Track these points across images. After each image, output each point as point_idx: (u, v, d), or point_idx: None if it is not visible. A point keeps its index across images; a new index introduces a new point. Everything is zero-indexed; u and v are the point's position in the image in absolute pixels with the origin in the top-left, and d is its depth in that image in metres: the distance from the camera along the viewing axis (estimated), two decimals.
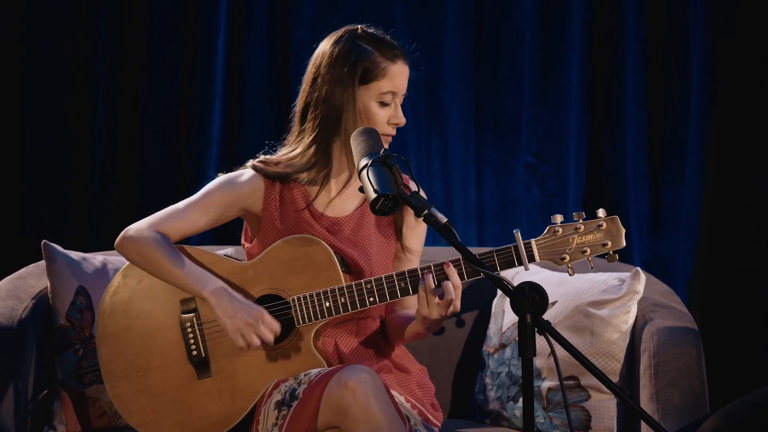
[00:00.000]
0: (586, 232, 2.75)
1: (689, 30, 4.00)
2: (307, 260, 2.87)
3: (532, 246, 2.76)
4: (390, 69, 2.92)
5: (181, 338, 2.91)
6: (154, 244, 2.89)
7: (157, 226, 2.93)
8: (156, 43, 4.25)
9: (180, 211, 2.96)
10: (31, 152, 4.20)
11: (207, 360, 2.90)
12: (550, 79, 4.18)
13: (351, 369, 2.65)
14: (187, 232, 2.96)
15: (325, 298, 2.84)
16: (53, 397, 3.28)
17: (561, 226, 2.75)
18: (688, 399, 3.05)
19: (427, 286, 2.75)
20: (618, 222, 2.76)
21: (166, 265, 2.88)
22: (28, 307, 3.25)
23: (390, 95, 2.91)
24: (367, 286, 2.82)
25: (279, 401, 2.75)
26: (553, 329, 2.35)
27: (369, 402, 2.59)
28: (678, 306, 3.32)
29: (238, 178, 2.99)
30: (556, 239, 2.75)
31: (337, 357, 2.93)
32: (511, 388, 3.29)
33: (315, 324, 2.86)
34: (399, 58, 2.93)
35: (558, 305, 3.27)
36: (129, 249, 2.92)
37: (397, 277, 2.81)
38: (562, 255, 2.75)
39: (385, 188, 2.53)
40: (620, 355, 3.19)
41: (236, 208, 2.99)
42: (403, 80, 2.93)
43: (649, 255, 4.12)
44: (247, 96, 4.30)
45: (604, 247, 2.75)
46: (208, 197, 2.97)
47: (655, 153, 4.12)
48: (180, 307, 2.92)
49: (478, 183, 4.28)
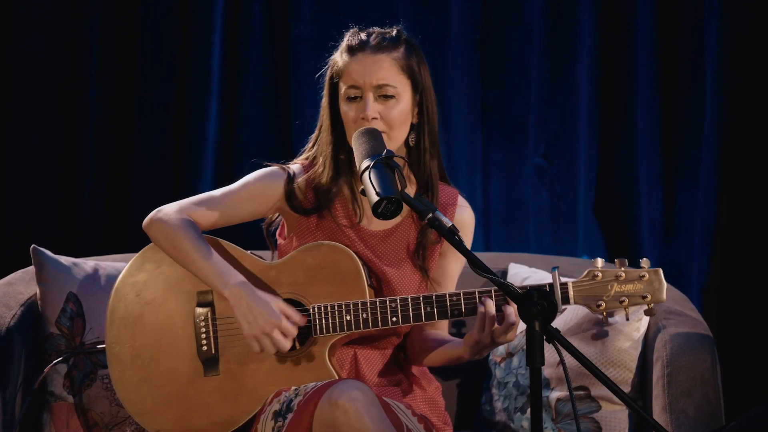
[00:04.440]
0: (626, 281, 2.74)
1: (704, 27, 4.00)
2: (334, 269, 2.87)
3: (568, 288, 2.75)
4: (348, 64, 2.89)
5: (193, 332, 2.91)
6: (183, 229, 2.87)
7: (189, 212, 2.92)
8: (150, 40, 4.25)
9: (215, 200, 2.94)
10: (20, 153, 4.20)
11: (216, 357, 2.90)
12: (559, 78, 4.18)
13: (342, 385, 2.64)
14: (219, 223, 2.95)
15: (347, 312, 2.83)
16: (43, 408, 3.28)
17: (601, 271, 2.74)
18: (702, 410, 3.05)
19: (487, 310, 2.71)
20: (661, 275, 2.75)
21: (191, 254, 2.87)
22: (16, 315, 3.25)
23: (352, 89, 2.88)
24: (391, 305, 2.82)
25: (276, 411, 2.75)
26: (563, 337, 2.35)
27: (362, 420, 2.58)
28: (692, 313, 3.32)
29: (283, 173, 2.98)
30: (595, 284, 2.74)
31: (354, 369, 2.93)
32: (518, 398, 3.29)
33: (332, 336, 2.85)
34: (358, 50, 2.89)
35: (567, 312, 3.27)
36: (157, 231, 2.90)
37: (423, 300, 2.80)
38: (599, 302, 2.74)
39: (388, 191, 2.53)
40: (632, 365, 3.19)
41: (275, 204, 2.97)
42: (361, 73, 2.87)
43: (662, 260, 4.12)
44: (244, 95, 4.31)
45: (644, 300, 2.74)
46: (247, 188, 2.96)
47: (668, 154, 4.12)
48: (196, 299, 2.92)
49: (484, 185, 4.28)
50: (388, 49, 2.89)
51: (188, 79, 4.27)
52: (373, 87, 2.86)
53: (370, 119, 2.85)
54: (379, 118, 2.86)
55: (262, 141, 4.29)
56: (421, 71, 2.93)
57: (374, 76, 2.86)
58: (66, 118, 4.22)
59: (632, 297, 2.74)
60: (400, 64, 2.89)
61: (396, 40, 2.91)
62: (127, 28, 4.24)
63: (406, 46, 2.92)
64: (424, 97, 2.93)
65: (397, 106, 2.88)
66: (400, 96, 2.88)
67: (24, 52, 4.18)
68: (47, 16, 4.19)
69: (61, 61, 4.21)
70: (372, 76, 2.86)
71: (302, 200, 2.96)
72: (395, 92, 2.87)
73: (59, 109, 4.22)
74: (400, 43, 2.91)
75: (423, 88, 2.92)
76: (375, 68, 2.87)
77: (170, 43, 4.27)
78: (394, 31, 2.94)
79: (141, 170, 4.27)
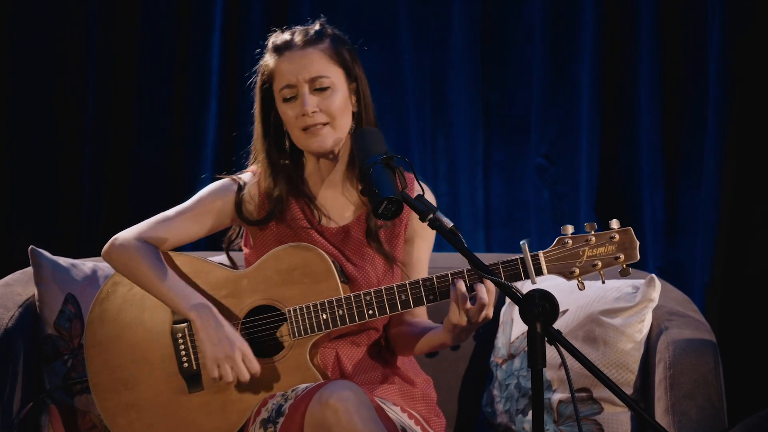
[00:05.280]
0: (597, 245, 2.73)
1: (706, 26, 4.00)
2: (304, 270, 2.87)
3: (539, 258, 2.74)
4: (278, 66, 2.90)
5: (173, 350, 2.91)
6: (140, 255, 2.88)
7: (146, 235, 2.92)
8: (149, 40, 4.26)
9: (170, 220, 2.95)
10: (18, 153, 4.20)
11: (198, 373, 2.90)
12: (561, 78, 4.19)
13: (333, 386, 2.64)
14: (177, 242, 2.96)
15: (323, 310, 2.83)
16: (41, 410, 3.28)
17: (571, 237, 2.73)
18: (705, 412, 3.05)
19: (458, 291, 2.70)
20: (632, 234, 2.74)
21: (151, 279, 2.87)
22: (14, 316, 3.25)
23: (287, 89, 2.89)
24: (366, 298, 2.81)
25: (265, 419, 2.75)
26: (564, 339, 2.35)
27: (352, 420, 2.58)
28: (695, 315, 3.32)
29: (234, 184, 2.98)
30: (566, 251, 2.74)
31: (338, 369, 2.93)
32: (520, 400, 3.29)
33: (312, 337, 2.85)
34: (285, 49, 2.90)
35: (569, 314, 3.27)
36: (116, 259, 2.92)
37: (397, 288, 2.80)
38: (572, 268, 2.73)
39: (388, 191, 2.53)
40: (634, 366, 3.19)
41: (231, 216, 2.98)
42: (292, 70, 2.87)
43: (664, 261, 4.12)
44: (243, 94, 4.29)
45: (617, 261, 2.72)
46: (201, 205, 2.97)
47: (670, 154, 4.12)
48: (172, 316, 2.91)
49: (485, 186, 4.28)
50: (315, 43, 2.89)
51: (188, 79, 4.28)
52: (307, 81, 2.87)
53: (311, 113, 2.85)
54: (319, 111, 2.86)
55: None
56: (352, 59, 2.93)
57: (306, 71, 2.87)
58: (65, 118, 4.22)
59: (605, 259, 2.72)
60: (330, 54, 2.89)
61: (321, 33, 2.92)
62: (126, 28, 4.25)
63: (331, 38, 2.93)
64: (358, 84, 2.93)
65: (334, 95, 2.88)
66: (335, 86, 2.88)
67: (23, 52, 4.19)
68: (46, 15, 4.19)
69: (61, 61, 4.21)
70: (304, 70, 2.87)
71: (254, 210, 2.96)
72: (330, 83, 2.88)
73: (58, 109, 4.23)
74: (326, 36, 2.92)
75: (357, 75, 2.93)
76: (305, 62, 2.87)
77: (170, 43, 4.27)
78: (317, 26, 2.94)
79: (140, 171, 4.27)
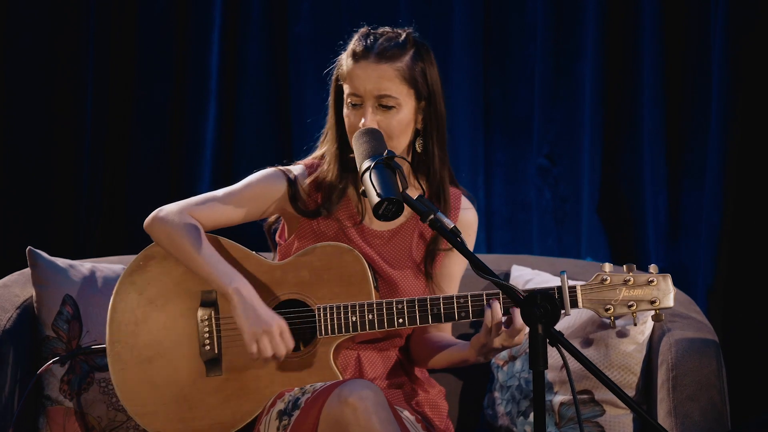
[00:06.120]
0: (635, 286, 2.78)
1: (710, 26, 4.00)
2: (340, 270, 2.88)
3: (576, 291, 2.77)
4: (352, 70, 2.89)
5: (196, 331, 2.92)
6: (184, 230, 2.89)
7: (191, 212, 2.93)
8: (147, 38, 4.26)
9: (217, 200, 2.96)
10: (15, 153, 4.20)
11: (219, 358, 2.91)
12: (563, 77, 4.18)
13: (352, 384, 2.65)
14: (221, 223, 2.97)
15: (353, 313, 2.84)
16: (39, 412, 3.28)
17: (609, 275, 2.77)
18: (708, 414, 3.05)
19: (494, 313, 2.72)
20: (669, 281, 2.79)
21: (193, 254, 2.88)
22: (12, 317, 3.25)
23: (353, 97, 2.88)
24: (398, 307, 2.83)
25: (281, 410, 2.76)
26: (566, 340, 2.35)
27: (370, 420, 2.59)
28: (698, 316, 3.32)
29: (283, 175, 2.99)
30: (603, 289, 2.78)
31: (358, 371, 2.95)
32: (521, 402, 3.29)
33: (338, 337, 2.86)
34: (364, 58, 2.88)
35: (571, 315, 3.27)
36: (158, 231, 2.92)
37: (430, 301, 2.82)
38: (607, 306, 2.77)
39: (389, 192, 2.54)
40: (636, 368, 3.19)
41: (276, 206, 2.99)
42: (362, 82, 2.86)
43: (667, 262, 4.12)
44: (243, 94, 4.31)
45: (652, 305, 2.77)
46: (249, 189, 2.97)
47: (673, 155, 4.12)
48: (200, 298, 2.93)
49: (487, 186, 4.28)
50: (392, 59, 2.87)
51: (187, 78, 4.28)
52: (374, 97, 2.86)
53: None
54: (377, 128, 2.84)
55: (261, 140, 4.30)
56: (427, 77, 2.91)
57: (375, 87, 2.86)
58: (63, 118, 4.23)
59: (640, 302, 2.77)
60: (403, 74, 2.87)
61: (403, 46, 2.89)
62: (124, 27, 4.25)
63: (413, 53, 2.89)
64: (431, 103, 2.92)
65: (397, 116, 2.87)
66: (400, 106, 2.87)
67: (19, 52, 4.18)
68: (42, 14, 4.19)
69: (57, 61, 4.21)
70: (373, 86, 2.86)
71: (307, 202, 2.97)
72: (395, 102, 2.87)
73: (55, 109, 4.23)
74: (407, 50, 2.89)
75: (430, 93, 2.91)
76: (375, 79, 2.86)
77: (168, 42, 4.27)
78: (402, 36, 2.91)
79: (138, 171, 4.27)
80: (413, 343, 3.05)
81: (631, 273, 2.77)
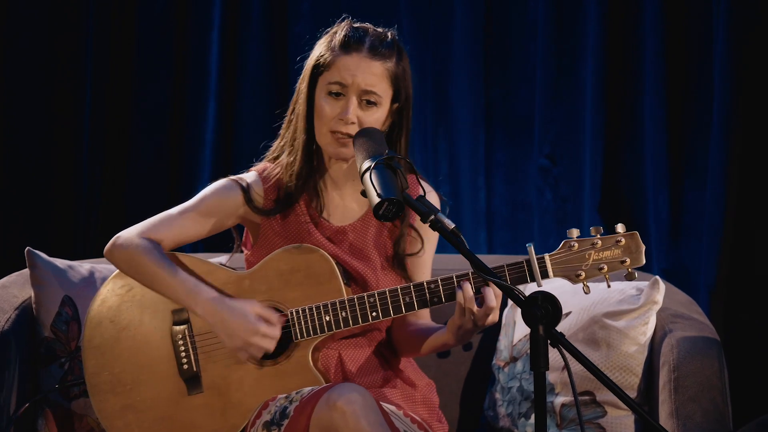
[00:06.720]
0: (603, 248, 2.75)
1: (711, 25, 4.00)
2: (307, 271, 2.87)
3: (545, 261, 2.76)
4: (340, 59, 2.87)
5: (172, 351, 2.91)
6: (145, 252, 2.88)
7: (149, 234, 2.92)
8: (146, 38, 4.26)
9: (173, 218, 2.95)
10: (14, 153, 4.20)
11: (198, 375, 2.90)
12: (564, 76, 4.18)
13: (341, 388, 2.65)
14: (180, 241, 2.96)
15: (325, 312, 2.84)
16: (37, 414, 3.28)
17: (577, 240, 2.75)
18: (709, 415, 3.05)
19: (465, 294, 2.72)
20: (638, 238, 2.76)
21: (157, 275, 2.88)
22: (10, 318, 3.25)
23: (337, 86, 2.86)
24: (369, 300, 2.82)
25: (268, 422, 2.75)
26: (567, 342, 2.35)
27: (359, 424, 2.59)
28: (699, 317, 3.32)
29: (236, 184, 2.98)
30: (572, 255, 2.76)
31: (341, 371, 2.93)
32: (522, 403, 3.29)
33: (314, 339, 2.85)
34: (356, 50, 2.87)
35: (572, 316, 3.27)
36: (118, 257, 2.92)
37: (402, 291, 2.81)
38: (578, 272, 2.75)
39: (389, 192, 2.54)
40: (638, 369, 3.19)
41: (235, 215, 2.98)
42: (353, 73, 2.85)
43: (668, 263, 4.12)
44: (242, 94, 4.31)
45: (623, 264, 2.75)
46: (204, 204, 2.96)
47: (675, 154, 4.12)
48: (171, 317, 2.92)
49: (487, 187, 4.28)
50: (383, 57, 2.87)
51: (186, 78, 4.28)
52: (360, 90, 2.86)
53: (349, 122, 2.85)
54: (356, 123, 2.85)
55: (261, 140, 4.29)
56: (407, 80, 2.92)
57: (364, 81, 2.85)
58: (62, 118, 4.23)
59: (611, 263, 2.75)
60: (390, 74, 2.88)
61: (391, 46, 2.90)
62: (123, 26, 4.25)
63: (397, 55, 2.91)
64: (404, 107, 2.93)
65: (375, 114, 2.87)
66: (380, 105, 2.88)
67: (18, 52, 4.18)
68: (42, 14, 4.19)
69: (57, 61, 4.21)
70: (362, 79, 2.85)
71: (264, 203, 2.96)
72: (378, 100, 2.87)
73: (55, 109, 4.23)
74: (394, 51, 2.90)
75: (406, 96, 2.92)
76: (367, 73, 2.86)
77: (167, 42, 4.27)
78: (389, 36, 2.92)
79: (137, 171, 4.27)
80: (394, 333, 3.04)
81: (598, 236, 2.74)
